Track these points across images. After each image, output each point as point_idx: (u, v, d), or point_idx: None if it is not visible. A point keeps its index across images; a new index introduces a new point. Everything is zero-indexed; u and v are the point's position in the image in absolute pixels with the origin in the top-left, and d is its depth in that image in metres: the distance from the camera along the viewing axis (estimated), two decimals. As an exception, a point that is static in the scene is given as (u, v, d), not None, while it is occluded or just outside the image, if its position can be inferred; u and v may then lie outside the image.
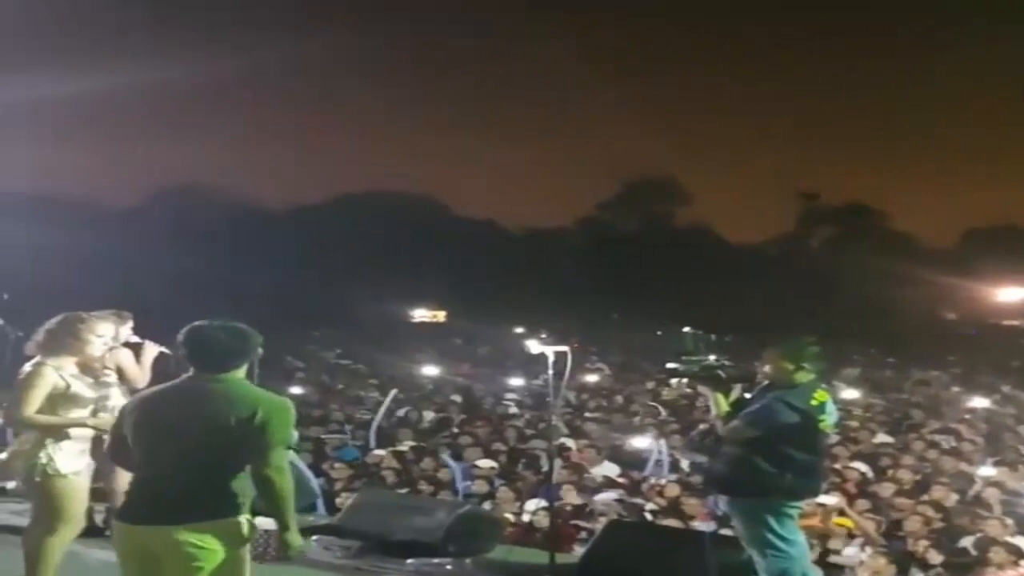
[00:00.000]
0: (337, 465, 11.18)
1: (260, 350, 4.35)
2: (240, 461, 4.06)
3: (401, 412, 16.52)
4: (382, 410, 14.82)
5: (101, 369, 5.99)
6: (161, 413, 4.17)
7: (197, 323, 4.26)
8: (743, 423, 5.83)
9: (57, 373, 5.37)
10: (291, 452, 11.20)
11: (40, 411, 5.33)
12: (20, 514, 7.96)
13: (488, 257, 53.34)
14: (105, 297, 5.95)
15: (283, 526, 4.11)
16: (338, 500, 9.65)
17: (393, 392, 16.24)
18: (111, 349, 6.48)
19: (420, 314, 52.25)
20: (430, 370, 22.23)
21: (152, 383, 7.27)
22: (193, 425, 4.05)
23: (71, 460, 5.31)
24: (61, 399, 5.35)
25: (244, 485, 4.09)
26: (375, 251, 49.02)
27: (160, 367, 7.37)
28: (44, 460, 5.23)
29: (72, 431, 5.36)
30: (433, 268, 48.39)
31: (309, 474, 10.00)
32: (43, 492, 5.28)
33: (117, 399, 7.19)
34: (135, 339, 7.34)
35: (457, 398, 19.50)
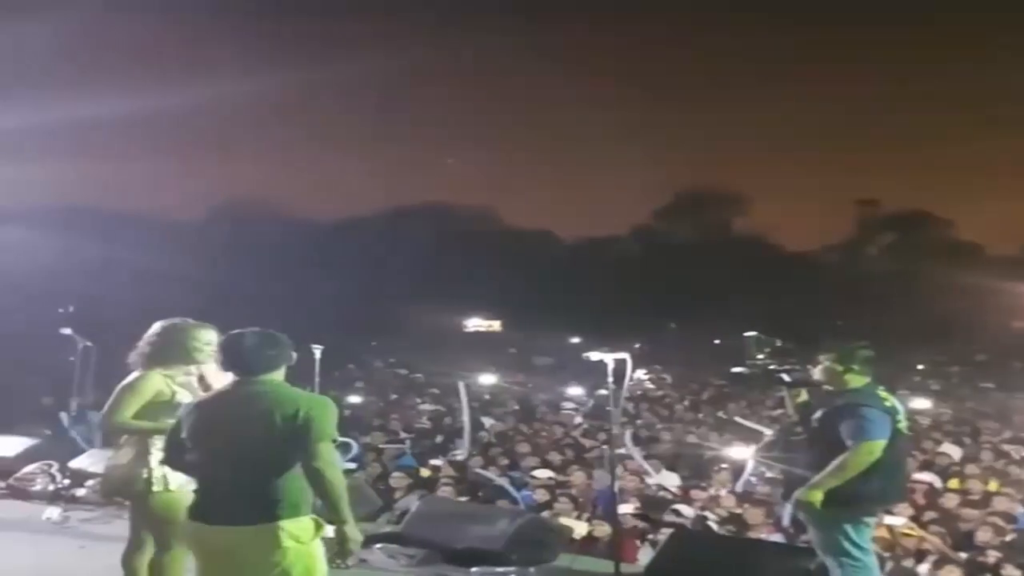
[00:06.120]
0: (396, 473, 11.21)
1: (294, 355, 4.40)
2: (291, 460, 4.10)
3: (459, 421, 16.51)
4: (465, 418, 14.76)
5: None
6: (214, 417, 4.28)
7: (232, 332, 4.39)
8: (825, 429, 5.76)
9: (164, 381, 5.10)
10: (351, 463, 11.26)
11: (138, 419, 5.05)
12: (90, 520, 8.16)
13: (543, 266, 53.30)
14: (168, 309, 5.85)
15: (340, 520, 4.11)
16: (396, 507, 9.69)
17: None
18: None
19: (475, 324, 52.32)
20: (487, 379, 22.22)
21: None
22: (244, 427, 4.16)
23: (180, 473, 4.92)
24: (166, 408, 4.99)
25: (301, 485, 4.12)
26: (431, 262, 49.16)
27: None
28: (158, 474, 4.97)
29: None
30: (488, 278, 48.41)
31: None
32: (155, 509, 5.01)
33: None
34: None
35: (515, 406, 19.51)
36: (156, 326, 5.29)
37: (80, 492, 8.93)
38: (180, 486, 4.94)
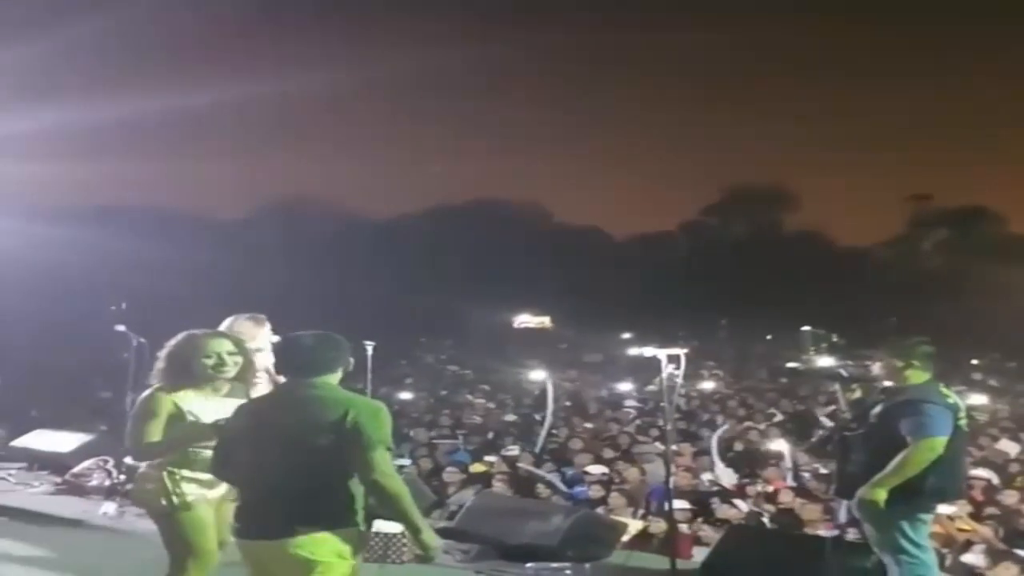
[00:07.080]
0: (450, 468, 11.22)
1: (352, 359, 4.24)
2: (341, 467, 3.89)
3: (511, 417, 16.55)
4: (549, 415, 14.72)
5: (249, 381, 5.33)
6: (258, 421, 4.09)
7: (289, 334, 4.23)
8: (884, 425, 5.67)
9: (172, 401, 4.78)
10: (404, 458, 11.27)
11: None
12: (146, 516, 8.20)
13: (593, 263, 53.18)
14: (218, 307, 5.81)
15: (413, 529, 3.93)
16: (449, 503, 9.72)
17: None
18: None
19: (524, 320, 52.26)
20: (538, 375, 22.17)
21: None
22: (289, 431, 3.95)
23: (196, 489, 4.79)
24: (181, 427, 4.79)
25: (350, 492, 3.92)
26: (481, 258, 49.25)
27: None
28: (170, 489, 4.75)
29: (195, 457, 4.77)
30: (538, 274, 48.37)
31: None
32: (169, 525, 4.79)
33: None
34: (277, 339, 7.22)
35: (567, 403, 19.47)
36: (173, 340, 5.00)
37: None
38: (191, 503, 4.76)
